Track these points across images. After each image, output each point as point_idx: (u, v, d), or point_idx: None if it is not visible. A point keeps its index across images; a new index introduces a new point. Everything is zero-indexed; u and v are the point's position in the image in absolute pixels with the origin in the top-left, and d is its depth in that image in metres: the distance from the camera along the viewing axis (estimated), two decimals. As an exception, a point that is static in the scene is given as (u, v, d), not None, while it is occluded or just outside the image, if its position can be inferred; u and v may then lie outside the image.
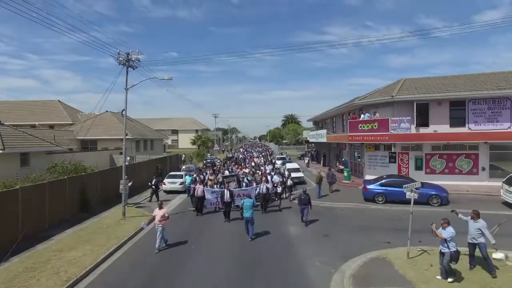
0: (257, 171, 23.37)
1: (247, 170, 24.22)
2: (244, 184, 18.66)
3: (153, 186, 19.42)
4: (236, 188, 17.50)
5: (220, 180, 19.16)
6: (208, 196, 16.39)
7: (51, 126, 39.28)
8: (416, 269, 9.02)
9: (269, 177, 18.88)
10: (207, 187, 17.31)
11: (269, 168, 26.39)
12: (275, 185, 17.86)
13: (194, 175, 20.91)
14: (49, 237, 12.71)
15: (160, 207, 11.90)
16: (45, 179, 15.95)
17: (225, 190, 15.65)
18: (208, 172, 22.67)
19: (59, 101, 46.21)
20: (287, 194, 19.68)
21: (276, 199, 18.03)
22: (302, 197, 14.14)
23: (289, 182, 19.79)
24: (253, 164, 31.64)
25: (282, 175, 20.77)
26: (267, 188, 16.86)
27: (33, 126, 36.14)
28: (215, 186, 17.92)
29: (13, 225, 11.86)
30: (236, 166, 28.02)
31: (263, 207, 16.81)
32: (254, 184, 18.11)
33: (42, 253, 10.96)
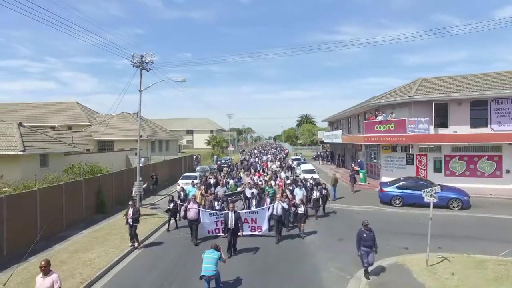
0: (274, 181, 18.47)
1: (248, 179, 19.42)
2: (254, 201, 13.86)
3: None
4: (242, 209, 13.58)
5: (220, 196, 14.72)
6: (204, 220, 12.24)
7: (70, 127, 40.26)
8: (436, 278, 8.65)
9: (288, 192, 14.86)
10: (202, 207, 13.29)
11: (285, 176, 21.36)
12: (296, 204, 13.19)
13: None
14: (65, 237, 12.93)
15: (46, 271, 6.35)
16: (62, 180, 16.28)
17: (230, 212, 11.10)
18: (204, 183, 18.47)
19: (77, 102, 47.32)
20: (310, 206, 15.11)
21: (299, 223, 12.92)
22: (365, 234, 8.95)
23: (315, 194, 15.22)
24: (268, 172, 25.09)
25: (305, 186, 16.45)
26: (284, 209, 12.38)
27: (53, 127, 37.11)
28: (215, 203, 13.71)
29: (32, 225, 12.13)
30: (247, 173, 22.97)
31: (278, 235, 12.29)
32: (268, 200, 13.80)
33: (59, 253, 11.14)
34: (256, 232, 12.58)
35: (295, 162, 34.18)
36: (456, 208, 16.42)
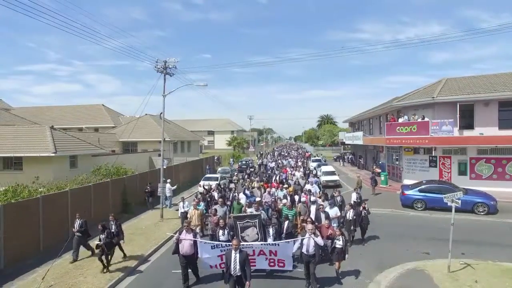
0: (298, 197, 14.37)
1: (260, 194, 15.03)
2: (271, 230, 10.13)
3: (77, 232, 10.99)
4: (257, 238, 9.78)
5: (223, 216, 11.15)
6: (203, 254, 8.86)
7: (96, 129, 41.92)
8: (458, 285, 8.51)
9: (323, 215, 10.95)
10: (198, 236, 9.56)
11: (308, 190, 15.15)
12: (332, 236, 9.46)
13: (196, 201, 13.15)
14: (94, 236, 13.55)
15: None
16: (90, 181, 17.10)
17: (232, 252, 7.43)
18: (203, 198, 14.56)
19: (103, 105, 49.20)
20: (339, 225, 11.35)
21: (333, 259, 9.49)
22: None
23: (349, 215, 11.78)
24: (290, 181, 19.52)
25: (334, 202, 12.75)
26: (317, 246, 8.50)
27: (80, 129, 38.78)
28: (220, 232, 9.78)
29: (64, 223, 12.87)
30: (262, 183, 18.59)
31: (309, 279, 8.72)
32: (287, 226, 10.47)
33: (88, 251, 11.75)
34: (277, 267, 9.17)
35: (314, 164, 33.83)
36: (481, 213, 15.95)
